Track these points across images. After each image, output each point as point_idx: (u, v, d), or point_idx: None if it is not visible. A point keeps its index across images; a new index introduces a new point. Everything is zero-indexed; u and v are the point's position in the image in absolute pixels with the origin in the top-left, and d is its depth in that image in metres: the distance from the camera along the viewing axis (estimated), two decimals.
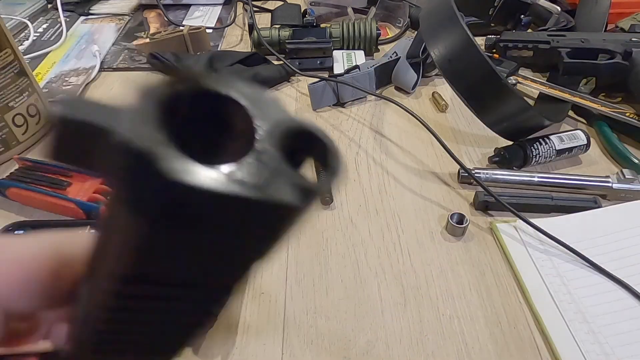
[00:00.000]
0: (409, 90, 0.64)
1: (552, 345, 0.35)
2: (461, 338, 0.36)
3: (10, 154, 0.53)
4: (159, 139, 0.07)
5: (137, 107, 0.08)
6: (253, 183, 0.08)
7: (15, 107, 0.52)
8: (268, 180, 0.08)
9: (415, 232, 0.45)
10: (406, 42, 0.65)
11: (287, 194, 0.08)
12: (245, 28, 0.81)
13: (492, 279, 0.41)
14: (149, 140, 0.07)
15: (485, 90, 0.49)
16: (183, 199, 0.07)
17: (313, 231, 0.45)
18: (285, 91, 0.65)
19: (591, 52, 0.59)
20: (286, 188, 0.08)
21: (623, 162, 0.51)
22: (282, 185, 0.08)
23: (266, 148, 0.08)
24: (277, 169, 0.08)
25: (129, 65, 0.71)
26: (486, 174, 0.48)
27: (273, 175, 0.08)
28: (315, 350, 0.35)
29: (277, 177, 0.08)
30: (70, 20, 0.84)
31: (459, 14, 0.49)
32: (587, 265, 0.40)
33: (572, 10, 0.73)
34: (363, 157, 0.53)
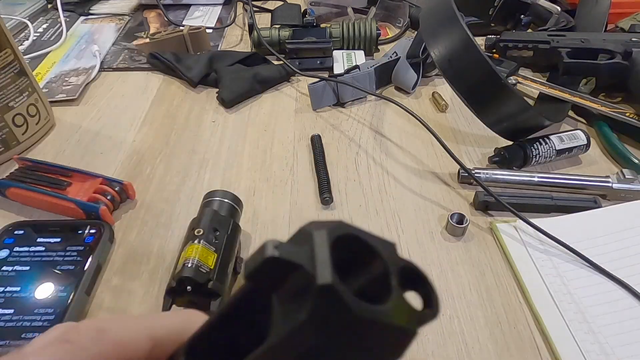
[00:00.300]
0: (409, 90, 0.64)
1: (552, 345, 0.35)
2: (461, 338, 0.36)
3: (10, 154, 0.53)
4: (339, 281, 0.10)
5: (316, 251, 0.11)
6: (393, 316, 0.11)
7: (15, 107, 0.52)
8: (401, 314, 0.11)
9: (415, 232, 0.45)
10: (406, 42, 0.65)
11: (413, 324, 0.11)
12: (245, 28, 0.81)
13: (492, 279, 0.41)
14: (336, 282, 0.10)
15: (485, 90, 0.49)
16: (354, 324, 0.10)
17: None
18: (285, 91, 0.65)
19: (591, 52, 0.59)
20: (412, 320, 0.11)
21: (623, 162, 0.51)
22: (410, 317, 0.11)
23: (398, 291, 0.11)
24: (404, 306, 0.11)
25: (129, 65, 0.71)
26: (486, 174, 0.48)
27: (402, 309, 0.11)
28: None
29: (404, 312, 0.11)
30: (70, 20, 0.84)
31: (459, 14, 0.49)
32: (587, 265, 0.40)
33: (572, 10, 0.73)
34: (363, 157, 0.53)
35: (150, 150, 0.55)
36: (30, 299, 0.37)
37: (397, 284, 0.12)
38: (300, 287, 0.11)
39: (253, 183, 0.50)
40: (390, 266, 0.12)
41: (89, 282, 0.38)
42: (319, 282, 0.10)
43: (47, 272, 0.39)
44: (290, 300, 0.11)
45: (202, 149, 0.55)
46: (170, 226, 0.45)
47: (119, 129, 0.58)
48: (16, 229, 0.42)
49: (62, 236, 0.42)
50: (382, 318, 0.11)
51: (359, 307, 0.10)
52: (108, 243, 0.42)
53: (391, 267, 0.12)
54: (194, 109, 0.61)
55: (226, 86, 0.62)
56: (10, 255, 0.40)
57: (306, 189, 0.49)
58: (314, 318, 0.11)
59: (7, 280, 0.38)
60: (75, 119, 0.60)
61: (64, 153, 0.54)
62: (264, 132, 0.57)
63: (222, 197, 0.42)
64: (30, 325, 0.35)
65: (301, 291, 0.11)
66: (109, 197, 0.46)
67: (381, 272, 0.12)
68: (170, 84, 0.67)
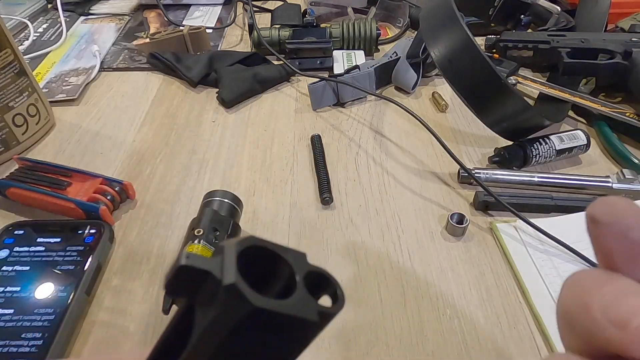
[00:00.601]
0: (409, 90, 0.64)
1: (552, 345, 0.35)
2: (461, 338, 0.36)
3: (10, 154, 0.53)
4: (242, 281, 0.12)
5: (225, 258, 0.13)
6: (294, 308, 0.13)
7: (15, 107, 0.52)
8: (302, 307, 0.13)
9: (415, 232, 0.45)
10: (406, 42, 0.65)
11: (312, 315, 0.13)
12: (245, 28, 0.81)
13: (492, 279, 0.41)
14: (238, 281, 0.12)
15: (485, 90, 0.49)
16: (253, 315, 0.12)
17: (313, 231, 0.45)
18: (285, 91, 0.65)
19: (591, 52, 0.59)
20: (312, 311, 0.13)
21: (623, 162, 0.51)
22: (310, 309, 0.13)
23: (301, 288, 0.13)
24: (306, 300, 0.13)
25: (129, 65, 0.71)
26: (486, 174, 0.48)
27: (303, 303, 0.13)
28: (315, 350, 0.35)
29: (307, 304, 0.13)
30: (70, 20, 0.84)
31: (459, 14, 0.49)
32: (587, 266, 0.40)
33: (572, 10, 0.73)
34: (363, 157, 0.53)
35: (150, 150, 0.55)
36: (30, 299, 0.37)
37: (301, 283, 0.13)
38: (212, 292, 0.13)
39: (253, 183, 0.50)
40: (297, 270, 0.14)
41: (89, 282, 0.38)
42: (224, 282, 0.12)
43: (47, 272, 0.39)
44: (206, 305, 0.13)
45: (202, 149, 0.55)
46: (170, 226, 0.45)
47: (119, 129, 0.58)
48: (16, 229, 0.42)
49: (62, 236, 0.42)
50: (280, 309, 0.12)
51: (259, 301, 0.12)
52: (108, 243, 0.42)
53: (297, 270, 0.14)
54: (194, 109, 0.62)
55: (226, 86, 0.62)
56: (10, 255, 0.40)
57: (306, 189, 0.49)
58: (222, 314, 0.12)
59: (7, 280, 0.38)
60: (75, 119, 0.60)
61: (64, 153, 0.54)
62: (264, 132, 0.57)
63: (222, 197, 0.42)
64: (30, 325, 0.35)
65: (213, 295, 0.13)
66: (109, 197, 0.46)
67: (288, 275, 0.14)
68: (170, 84, 0.67)
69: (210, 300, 0.13)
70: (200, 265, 0.13)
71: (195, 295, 0.13)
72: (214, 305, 0.13)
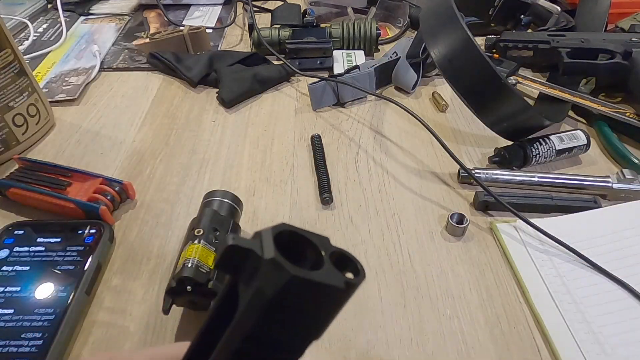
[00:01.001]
0: (409, 90, 0.64)
1: (552, 345, 0.35)
2: (461, 338, 0.36)
3: (10, 154, 0.53)
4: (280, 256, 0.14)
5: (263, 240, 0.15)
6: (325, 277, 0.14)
7: (15, 107, 0.52)
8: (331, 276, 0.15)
9: (415, 232, 0.45)
10: (406, 42, 0.65)
11: (340, 283, 0.15)
12: (245, 28, 0.81)
13: (492, 279, 0.41)
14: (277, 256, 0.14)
15: (485, 90, 0.49)
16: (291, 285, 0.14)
17: (313, 231, 0.45)
18: (285, 91, 0.65)
19: (591, 52, 0.59)
20: (339, 280, 0.15)
21: (623, 162, 0.51)
22: (338, 279, 0.15)
23: (328, 263, 0.15)
24: (333, 272, 0.15)
25: (129, 65, 0.71)
26: (486, 174, 0.48)
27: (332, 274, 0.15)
28: (315, 350, 0.35)
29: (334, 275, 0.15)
30: (70, 20, 0.84)
31: (459, 14, 0.49)
32: (587, 265, 0.40)
33: (572, 10, 0.73)
34: (363, 157, 0.53)
35: (150, 150, 0.55)
36: (30, 299, 0.37)
37: (327, 259, 0.15)
38: (254, 267, 0.15)
39: (253, 183, 0.50)
40: (323, 249, 0.16)
41: (89, 282, 0.38)
42: (265, 257, 0.14)
43: (47, 272, 0.39)
44: (249, 280, 0.15)
45: (202, 149, 0.55)
46: (170, 226, 0.45)
47: (119, 129, 0.58)
48: (16, 229, 0.42)
49: (62, 236, 0.42)
50: (313, 278, 0.14)
51: (296, 270, 0.14)
52: (108, 243, 0.42)
53: (323, 250, 0.16)
54: (194, 109, 0.62)
55: (226, 86, 0.62)
56: (10, 255, 0.40)
57: (306, 189, 0.49)
58: (265, 284, 0.14)
59: (7, 280, 0.38)
60: (75, 119, 0.60)
61: (64, 153, 0.54)
62: (264, 132, 0.57)
63: (222, 197, 0.42)
64: (30, 325, 0.35)
65: (255, 270, 0.15)
66: (109, 197, 0.46)
67: (315, 256, 0.16)
68: (170, 84, 0.67)
69: (252, 275, 0.15)
70: (245, 245, 0.15)
71: (240, 272, 0.15)
72: (257, 278, 0.14)
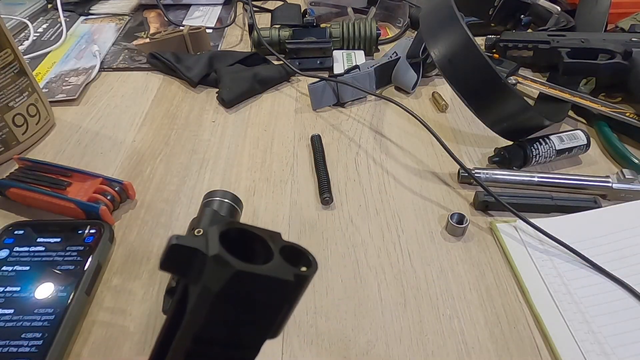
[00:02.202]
0: (409, 90, 0.64)
1: (552, 345, 0.35)
2: (461, 338, 0.36)
3: (10, 154, 0.53)
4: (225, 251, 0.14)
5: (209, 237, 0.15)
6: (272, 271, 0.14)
7: (15, 107, 0.52)
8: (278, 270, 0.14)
9: (415, 232, 0.45)
10: (406, 42, 0.65)
11: (289, 276, 0.14)
12: (245, 28, 0.81)
13: (492, 279, 0.41)
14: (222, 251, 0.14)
15: (485, 90, 0.49)
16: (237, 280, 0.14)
17: (313, 231, 0.45)
18: (285, 91, 0.65)
19: (591, 52, 0.59)
20: (288, 274, 0.14)
21: (623, 162, 0.51)
22: (286, 272, 0.14)
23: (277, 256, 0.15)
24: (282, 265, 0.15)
25: (129, 65, 0.71)
26: (486, 174, 0.48)
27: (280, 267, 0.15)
28: (315, 350, 0.35)
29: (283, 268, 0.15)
30: (70, 20, 0.84)
31: (459, 14, 0.49)
32: (587, 265, 0.40)
33: (572, 10, 0.73)
34: (363, 157, 0.53)
35: (150, 150, 0.55)
36: (30, 299, 0.37)
37: (277, 252, 0.15)
38: (200, 266, 0.15)
39: (253, 183, 0.50)
40: (273, 244, 0.16)
41: (89, 282, 0.38)
42: (209, 254, 0.14)
43: (47, 272, 0.39)
44: (197, 279, 0.15)
45: (202, 149, 0.55)
46: (170, 226, 0.45)
47: (119, 129, 0.58)
48: (16, 229, 0.42)
49: (62, 236, 0.42)
50: (260, 272, 0.14)
51: (240, 265, 0.14)
52: (108, 243, 0.42)
53: (273, 245, 0.16)
54: (194, 109, 0.62)
55: (226, 86, 0.62)
56: (10, 255, 0.40)
57: (306, 189, 0.49)
58: (209, 281, 0.14)
59: (7, 280, 0.38)
60: (75, 119, 0.60)
61: (64, 153, 0.54)
62: (264, 132, 0.57)
63: (222, 197, 0.42)
64: (30, 325, 0.35)
65: (201, 268, 0.15)
66: (109, 197, 0.46)
67: (266, 249, 0.16)
68: (170, 84, 0.67)
69: (199, 274, 0.15)
70: (189, 244, 0.15)
71: (187, 273, 0.15)
72: (202, 276, 0.14)
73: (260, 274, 0.14)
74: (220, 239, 0.15)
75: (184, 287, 0.16)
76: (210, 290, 0.14)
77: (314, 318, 0.38)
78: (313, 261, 0.16)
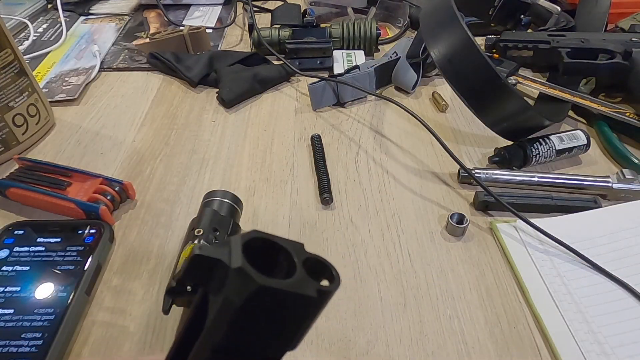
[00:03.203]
0: (409, 90, 0.64)
1: (552, 345, 0.35)
2: (461, 338, 0.36)
3: (10, 154, 0.53)
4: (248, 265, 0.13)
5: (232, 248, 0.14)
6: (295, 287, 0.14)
7: (15, 107, 0.52)
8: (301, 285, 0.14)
9: (415, 232, 0.45)
10: (406, 42, 0.65)
11: (311, 292, 0.14)
12: (245, 28, 0.81)
13: (492, 279, 0.41)
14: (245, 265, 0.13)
15: (485, 90, 0.49)
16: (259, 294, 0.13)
17: (313, 231, 0.45)
18: (285, 91, 0.65)
19: (591, 52, 0.59)
20: (311, 289, 0.14)
21: (623, 162, 0.51)
22: (309, 287, 0.14)
23: (300, 270, 0.15)
24: (305, 280, 0.14)
25: (129, 65, 0.71)
26: (486, 174, 0.48)
27: (303, 282, 0.14)
28: (315, 350, 0.35)
29: (306, 283, 0.14)
30: (70, 20, 0.84)
31: (459, 14, 0.49)
32: (587, 265, 0.40)
33: (572, 10, 0.73)
34: (363, 157, 0.53)
35: (150, 150, 0.55)
36: (30, 299, 0.37)
37: (300, 266, 0.15)
38: (222, 277, 0.14)
39: (253, 183, 0.50)
40: (296, 256, 0.15)
41: (89, 282, 0.38)
42: (232, 266, 0.14)
43: (47, 272, 0.39)
44: (217, 290, 0.15)
45: (202, 149, 0.55)
46: (170, 226, 0.45)
47: (119, 129, 0.58)
48: (16, 229, 0.42)
49: (62, 236, 0.42)
50: (282, 286, 0.14)
51: (263, 280, 0.14)
52: (108, 243, 0.42)
53: (296, 257, 0.15)
54: (194, 109, 0.61)
55: (226, 86, 0.62)
56: (10, 255, 0.40)
57: (306, 189, 0.49)
58: (232, 294, 0.14)
59: (7, 280, 0.38)
60: (75, 119, 0.60)
61: (64, 153, 0.54)
62: (264, 132, 0.57)
63: (222, 197, 0.42)
64: (30, 325, 0.35)
65: (223, 279, 0.14)
66: (109, 197, 0.46)
67: (289, 263, 0.15)
68: (170, 84, 0.67)
69: (220, 285, 0.14)
70: (212, 255, 0.14)
71: (208, 282, 0.15)
72: (224, 288, 0.14)
73: (284, 290, 0.14)
74: (243, 249, 0.14)
75: (204, 295, 0.16)
76: (233, 303, 0.14)
77: None
78: (336, 275, 0.16)
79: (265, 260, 0.15)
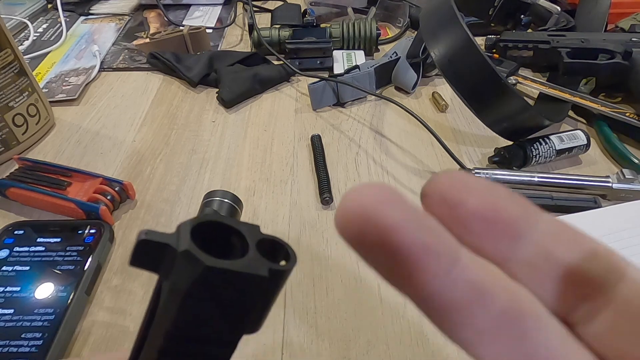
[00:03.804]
0: (409, 90, 0.64)
1: None
2: None
3: (10, 154, 0.53)
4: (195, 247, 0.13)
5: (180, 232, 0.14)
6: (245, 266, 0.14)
7: (15, 107, 0.52)
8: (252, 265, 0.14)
9: None
10: (406, 42, 0.65)
11: (263, 271, 0.14)
12: (245, 28, 0.81)
13: None
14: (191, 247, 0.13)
15: (485, 90, 0.49)
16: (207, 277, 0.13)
17: (313, 231, 0.45)
18: (285, 91, 0.65)
19: (591, 52, 0.59)
20: (261, 269, 0.14)
21: (623, 162, 0.51)
22: (260, 267, 0.14)
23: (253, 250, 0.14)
24: (257, 260, 0.14)
25: (129, 65, 0.71)
26: (486, 174, 0.48)
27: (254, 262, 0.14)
28: (315, 350, 0.35)
29: (257, 263, 0.14)
30: (70, 20, 0.84)
31: (459, 14, 0.49)
32: None
33: (572, 10, 0.73)
34: (363, 157, 0.53)
35: (150, 150, 0.55)
36: (30, 299, 0.37)
37: (253, 246, 0.15)
38: (171, 262, 0.14)
39: (253, 183, 0.50)
40: (249, 238, 0.15)
41: (89, 282, 0.38)
42: (179, 249, 0.13)
43: (47, 272, 0.39)
44: (167, 275, 0.14)
45: (202, 149, 0.55)
46: (170, 226, 0.45)
47: (119, 129, 0.58)
48: (16, 229, 0.42)
49: (62, 236, 0.42)
50: (231, 267, 0.13)
51: (210, 261, 0.13)
52: (108, 243, 0.42)
53: (249, 238, 0.15)
54: (194, 109, 0.62)
55: (226, 86, 0.62)
56: (10, 255, 0.40)
57: (306, 189, 0.49)
58: (179, 278, 0.14)
59: (7, 280, 0.38)
60: (75, 119, 0.60)
61: (64, 153, 0.54)
62: (264, 132, 0.57)
63: (222, 197, 0.42)
64: (30, 325, 0.35)
65: (171, 264, 0.14)
66: (109, 197, 0.46)
67: (243, 243, 0.15)
68: (170, 84, 0.67)
69: (169, 270, 0.14)
70: (159, 239, 0.14)
71: (159, 269, 0.15)
72: (172, 273, 0.14)
73: (232, 270, 0.13)
74: (193, 233, 0.14)
75: (159, 283, 0.15)
76: (180, 287, 0.14)
77: (314, 318, 0.38)
78: (292, 254, 0.15)
79: (221, 245, 0.15)
